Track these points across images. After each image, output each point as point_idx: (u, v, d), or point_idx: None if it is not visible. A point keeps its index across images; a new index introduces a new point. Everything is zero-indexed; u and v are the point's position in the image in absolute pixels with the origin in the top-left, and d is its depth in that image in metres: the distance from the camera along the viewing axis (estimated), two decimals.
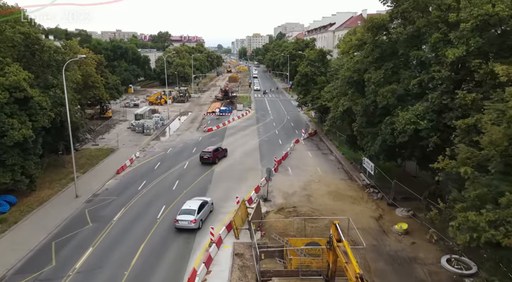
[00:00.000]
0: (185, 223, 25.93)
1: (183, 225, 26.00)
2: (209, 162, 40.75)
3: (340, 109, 35.20)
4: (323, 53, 56.93)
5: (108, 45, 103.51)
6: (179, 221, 26.11)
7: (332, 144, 49.57)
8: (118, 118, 65.80)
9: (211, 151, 41.54)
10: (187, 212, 26.48)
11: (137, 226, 26.98)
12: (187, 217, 26.08)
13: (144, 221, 27.62)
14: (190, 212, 26.45)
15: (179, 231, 26.12)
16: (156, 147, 48.94)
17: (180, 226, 26.07)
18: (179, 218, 26.20)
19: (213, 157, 41.05)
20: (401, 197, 30.85)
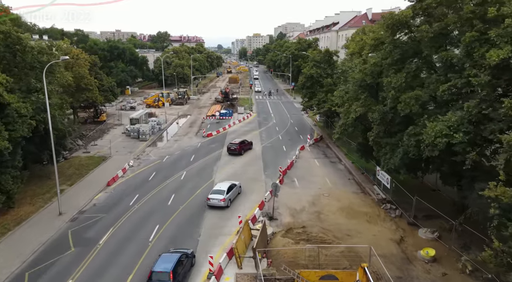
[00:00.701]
0: (216, 201, 29.38)
1: (214, 203, 29.43)
2: (236, 153, 44.00)
3: (352, 116, 31.93)
4: (330, 53, 53.66)
5: (104, 45, 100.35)
6: (211, 199, 29.53)
7: (340, 151, 46.29)
8: (113, 122, 62.52)
9: (238, 143, 44.77)
10: (218, 192, 29.92)
11: (126, 251, 23.71)
12: (218, 196, 29.49)
13: (134, 245, 24.34)
14: (220, 192, 29.88)
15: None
16: (151, 154, 45.66)
17: (211, 204, 29.52)
18: (210, 197, 29.66)
19: (239, 149, 44.21)
20: (423, 214, 27.59)
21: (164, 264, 19.61)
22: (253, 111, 75.09)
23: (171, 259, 20.07)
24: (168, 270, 19.06)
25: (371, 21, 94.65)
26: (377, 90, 34.81)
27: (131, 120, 56.14)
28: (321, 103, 49.77)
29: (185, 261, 20.81)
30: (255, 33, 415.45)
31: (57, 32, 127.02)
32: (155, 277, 19.16)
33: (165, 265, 19.50)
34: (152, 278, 19.19)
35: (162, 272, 19.10)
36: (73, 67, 57.07)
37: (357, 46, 40.34)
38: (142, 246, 24.20)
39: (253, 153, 45.56)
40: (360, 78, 32.39)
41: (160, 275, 19.08)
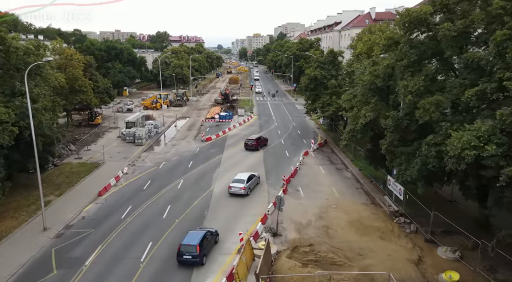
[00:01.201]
0: (237, 189, 31.91)
1: (235, 191, 31.97)
2: (253, 148, 45.96)
3: (362, 121, 29.60)
4: (334, 54, 51.30)
5: (101, 45, 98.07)
6: (232, 188, 32.01)
7: (346, 157, 43.94)
8: (109, 126, 60.14)
9: (255, 139, 46.95)
10: (238, 181, 32.33)
11: (115, 273, 21.36)
12: (238, 185, 31.95)
13: (124, 266, 21.98)
14: (241, 181, 32.27)
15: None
16: (147, 160, 43.29)
17: (232, 192, 32.04)
18: (232, 185, 32.16)
19: (256, 145, 46.28)
20: (441, 230, 25.26)
21: (192, 238, 22.17)
22: (253, 114, 72.78)
23: (197, 235, 22.65)
24: (195, 244, 21.64)
25: (375, 20, 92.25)
26: (388, 94, 32.56)
27: (126, 123, 53.80)
28: (326, 106, 47.43)
29: (209, 238, 23.31)
30: (255, 33, 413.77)
31: (54, 32, 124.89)
32: (183, 249, 21.75)
33: (192, 239, 22.05)
34: (181, 250, 21.78)
35: (190, 245, 21.67)
36: (66, 68, 54.85)
37: (365, 46, 38.02)
38: (133, 267, 21.85)
39: (254, 158, 43.20)
40: (370, 81, 30.13)
41: (188, 247, 21.67)
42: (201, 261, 21.75)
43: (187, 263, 21.68)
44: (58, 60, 54.13)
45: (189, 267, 21.74)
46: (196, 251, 21.41)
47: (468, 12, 21.49)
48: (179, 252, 21.79)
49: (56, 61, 53.86)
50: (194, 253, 21.43)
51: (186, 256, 21.58)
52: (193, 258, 21.50)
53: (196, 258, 21.50)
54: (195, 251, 21.42)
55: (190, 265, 21.70)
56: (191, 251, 21.49)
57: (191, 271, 21.51)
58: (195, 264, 21.75)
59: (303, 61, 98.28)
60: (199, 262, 21.64)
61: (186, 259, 21.58)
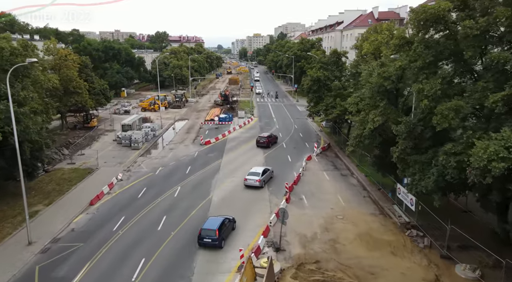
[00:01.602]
0: (252, 181, 33.58)
1: (250, 183, 33.66)
2: (264, 145, 47.40)
3: (370, 126, 27.72)
4: (338, 54, 49.44)
5: (99, 45, 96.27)
6: (248, 180, 33.76)
7: (351, 162, 42.08)
8: (104, 128, 58.31)
9: (266, 136, 48.70)
10: (254, 174, 34.12)
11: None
12: (254, 177, 33.65)
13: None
14: (256, 174, 34.05)
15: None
16: (143, 165, 41.41)
17: (248, 184, 33.76)
18: (248, 178, 33.90)
19: (267, 142, 47.77)
20: (457, 244, 23.42)
21: (211, 224, 24.00)
22: (254, 116, 70.90)
23: (216, 220, 24.44)
24: (215, 228, 23.42)
25: (378, 20, 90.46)
26: (397, 97, 30.76)
27: (122, 126, 51.92)
28: (329, 108, 45.54)
29: (227, 224, 24.96)
30: (255, 33, 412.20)
31: (51, 32, 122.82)
32: (204, 233, 23.49)
33: (212, 224, 23.89)
34: (202, 234, 23.50)
35: (210, 229, 23.47)
36: (60, 69, 53.07)
37: (371, 47, 36.17)
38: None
39: (256, 163, 41.29)
40: (378, 83, 28.29)
41: (208, 231, 23.46)
42: (220, 244, 23.51)
43: (207, 245, 23.47)
44: (51, 60, 52.34)
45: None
46: (216, 235, 23.19)
47: (488, 8, 19.63)
48: (200, 236, 23.59)
49: (49, 61, 52.13)
50: (214, 236, 23.22)
51: (206, 239, 23.37)
52: (213, 241, 23.30)
53: (215, 241, 23.27)
54: (214, 235, 23.22)
55: (210, 247, 23.46)
56: (211, 235, 23.29)
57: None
58: (214, 247, 23.45)
59: (304, 61, 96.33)
60: (218, 245, 23.40)
61: (206, 242, 23.39)
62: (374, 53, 36.10)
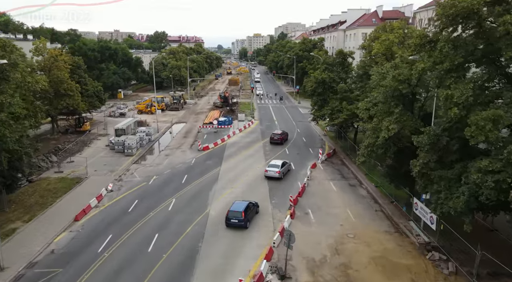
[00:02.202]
0: (272, 172, 35.53)
1: (271, 174, 35.61)
2: (278, 142, 49.34)
3: (384, 135, 24.92)
4: (344, 55, 46.62)
5: (95, 45, 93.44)
6: (268, 171, 35.70)
7: (359, 170, 39.29)
8: (97, 132, 55.47)
9: (280, 133, 50.64)
10: (274, 166, 36.19)
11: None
12: (274, 169, 35.70)
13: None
14: (276, 166, 36.22)
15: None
16: (136, 173, 38.60)
17: (268, 175, 35.72)
18: (268, 169, 35.97)
19: (281, 139, 49.69)
20: (486, 271, 20.71)
21: (238, 206, 26.49)
22: (255, 118, 68.09)
23: (242, 204, 27.01)
24: (241, 210, 25.85)
25: (382, 19, 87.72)
26: (413, 102, 27.97)
27: (116, 131, 49.06)
28: (335, 112, 42.72)
29: (252, 207, 27.41)
30: (255, 33, 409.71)
31: (47, 31, 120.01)
32: (231, 215, 25.96)
33: (238, 207, 26.36)
34: (229, 216, 26.01)
35: (236, 211, 25.92)
36: (51, 70, 50.29)
37: (382, 47, 33.41)
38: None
39: (257, 172, 38.53)
40: (393, 87, 25.55)
41: (235, 213, 25.90)
42: (245, 225, 26.01)
43: (233, 226, 25.97)
44: (41, 61, 49.55)
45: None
46: (242, 216, 25.64)
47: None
48: (227, 217, 26.10)
49: (38, 62, 49.36)
50: (240, 217, 25.67)
51: (233, 220, 25.88)
52: (239, 221, 25.77)
53: (241, 222, 25.75)
54: (240, 216, 25.66)
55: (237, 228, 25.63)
56: (237, 216, 25.76)
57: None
58: (241, 227, 25.93)
59: (306, 62, 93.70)
60: (243, 225, 25.89)
61: (233, 222, 25.91)
62: (386, 54, 33.33)
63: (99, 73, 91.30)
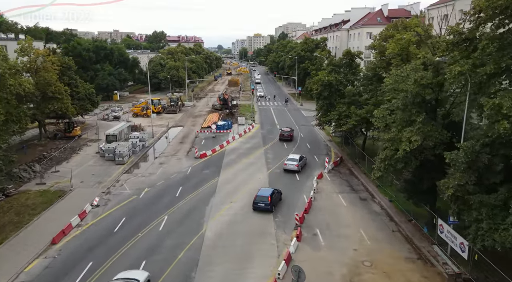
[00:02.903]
0: (292, 166, 37.64)
1: (290, 168, 37.69)
2: (288, 139, 51.13)
3: (405, 148, 21.62)
4: (351, 55, 43.29)
5: (90, 45, 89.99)
6: (287, 164, 37.84)
7: (369, 181, 35.99)
8: (88, 138, 52.19)
9: (289, 130, 52.60)
10: (292, 160, 38.22)
11: None
12: (293, 162, 37.85)
13: None
14: (294, 160, 38.25)
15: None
16: (127, 185, 35.31)
17: (287, 168, 37.76)
18: (287, 163, 38.06)
19: (291, 136, 51.63)
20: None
21: (264, 192, 29.37)
22: (255, 122, 64.75)
23: (268, 190, 29.97)
24: (267, 195, 28.73)
25: (387, 18, 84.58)
26: (435, 109, 24.67)
27: (107, 137, 45.75)
28: (343, 118, 39.38)
29: (276, 194, 29.90)
30: (255, 33, 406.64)
31: (42, 31, 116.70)
32: (258, 199, 28.72)
33: (265, 192, 29.29)
34: (256, 200, 28.75)
35: (263, 196, 28.74)
36: (37, 72, 47.03)
37: (397, 47, 30.11)
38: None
39: (258, 183, 35.22)
40: (413, 92, 22.32)
41: (262, 198, 28.67)
42: (271, 208, 28.50)
43: (260, 209, 28.55)
44: (26, 62, 46.25)
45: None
46: (268, 201, 28.30)
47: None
48: (255, 201, 28.77)
49: (24, 63, 46.07)
50: (267, 202, 28.30)
51: (260, 204, 28.47)
52: (266, 205, 28.34)
53: (268, 205, 28.33)
54: (267, 200, 28.32)
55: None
56: (264, 201, 28.39)
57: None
58: (267, 211, 28.44)
59: (308, 62, 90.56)
60: (269, 209, 28.41)
61: (261, 206, 28.48)
62: (401, 54, 30.04)
63: (94, 74, 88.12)
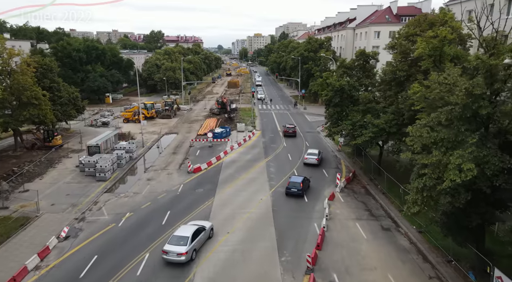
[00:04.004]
0: (312, 160, 40.43)
1: (310, 162, 40.44)
2: (293, 135, 53.37)
3: (455, 178, 16.32)
4: (366, 56, 37.97)
5: (80, 45, 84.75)
6: (308, 158, 40.79)
7: (389, 202, 30.81)
8: (70, 148, 46.87)
9: (293, 126, 54.94)
10: (312, 154, 41.10)
11: None
12: (313, 157, 40.75)
13: None
14: (314, 154, 41.14)
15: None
16: (105, 209, 30.02)
17: (307, 162, 40.53)
18: (307, 157, 41.04)
19: (295, 132, 53.81)
20: None
21: (296, 179, 32.73)
22: (256, 129, 59.50)
23: (299, 177, 33.37)
24: (299, 181, 32.18)
25: (397, 16, 79.45)
26: (487, 125, 19.39)
27: (88, 148, 40.58)
28: (358, 128, 34.04)
29: (306, 181, 33.40)
30: (256, 33, 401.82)
31: (32, 30, 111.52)
32: (291, 185, 32.08)
33: (297, 179, 32.68)
34: (289, 186, 32.15)
35: (295, 182, 32.10)
36: (12, 75, 41.79)
37: (428, 47, 24.84)
38: None
39: (260, 209, 29.99)
40: (463, 104, 17.14)
41: (294, 184, 32.04)
42: (303, 194, 31.91)
43: (293, 194, 31.72)
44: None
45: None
46: (300, 186, 31.77)
47: None
48: (288, 187, 32.13)
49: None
50: (299, 187, 31.73)
51: (293, 189, 31.81)
52: (298, 190, 31.71)
53: (300, 191, 31.69)
54: (299, 186, 31.77)
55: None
56: (296, 186, 31.80)
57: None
58: (299, 196, 31.72)
59: (312, 63, 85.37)
60: (301, 194, 31.75)
61: (293, 191, 31.81)
62: (433, 55, 24.74)
63: (84, 76, 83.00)
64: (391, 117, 31.95)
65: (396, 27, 77.31)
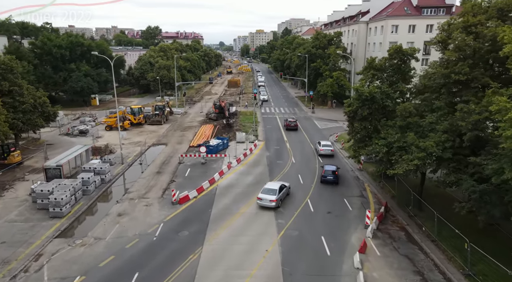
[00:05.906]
0: (328, 150, 42.71)
1: (326, 152, 42.60)
2: (296, 128, 55.11)
3: None
4: (403, 54, 29.06)
5: (63, 42, 75.98)
6: (324, 150, 42.60)
7: (443, 255, 22.12)
8: (31, 166, 38.28)
9: (294, 120, 56.33)
10: (327, 146, 43.19)
11: None
12: (329, 148, 42.97)
13: None
14: (329, 146, 43.50)
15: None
16: (48, 268, 21.39)
17: (323, 153, 42.58)
18: (323, 148, 42.68)
19: (297, 125, 55.66)
20: None
21: (330, 168, 34.73)
22: (259, 138, 50.81)
23: (332, 166, 35.42)
24: (334, 170, 34.38)
25: (417, 8, 70.28)
26: None
27: (46, 172, 32.01)
28: (396, 151, 25.13)
29: (337, 170, 35.02)
30: (258, 30, 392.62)
31: (15, 25, 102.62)
32: (326, 173, 34.02)
33: (331, 168, 34.72)
34: (325, 174, 34.08)
35: (330, 170, 34.17)
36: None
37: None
38: None
39: (263, 272, 21.35)
40: None
41: (329, 172, 33.99)
42: (337, 181, 33.94)
43: (328, 182, 33.84)
44: None
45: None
46: (335, 174, 33.87)
47: None
48: (323, 175, 34.15)
49: None
50: (334, 175, 33.83)
51: (329, 177, 33.83)
52: (333, 178, 33.71)
53: (334, 178, 33.78)
54: (334, 174, 33.86)
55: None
56: (331, 174, 33.81)
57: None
58: (334, 183, 33.71)
59: (320, 61, 76.58)
60: (335, 182, 33.81)
61: (328, 179, 33.81)
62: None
63: (67, 75, 74.41)
64: (443, 139, 23.22)
65: (416, 21, 68.34)
